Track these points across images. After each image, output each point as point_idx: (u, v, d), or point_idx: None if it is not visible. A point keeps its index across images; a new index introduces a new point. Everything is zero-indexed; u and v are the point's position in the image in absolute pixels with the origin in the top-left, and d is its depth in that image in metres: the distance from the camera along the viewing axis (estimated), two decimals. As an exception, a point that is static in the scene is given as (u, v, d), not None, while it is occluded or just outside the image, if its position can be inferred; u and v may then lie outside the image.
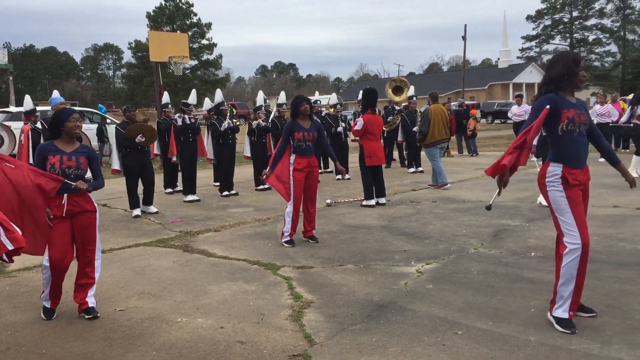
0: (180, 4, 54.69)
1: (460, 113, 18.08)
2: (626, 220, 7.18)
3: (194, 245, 6.82)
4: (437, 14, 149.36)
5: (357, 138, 9.17)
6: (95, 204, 4.52)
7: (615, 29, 65.93)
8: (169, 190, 11.41)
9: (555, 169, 3.84)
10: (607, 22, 66.25)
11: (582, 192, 3.89)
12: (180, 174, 10.74)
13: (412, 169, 13.62)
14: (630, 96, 15.63)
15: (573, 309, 3.85)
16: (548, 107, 3.76)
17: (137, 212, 8.85)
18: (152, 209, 9.11)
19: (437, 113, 10.74)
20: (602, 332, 3.76)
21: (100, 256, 4.60)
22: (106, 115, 20.82)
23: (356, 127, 8.90)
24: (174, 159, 10.66)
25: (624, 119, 11.60)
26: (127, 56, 73.09)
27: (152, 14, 54.32)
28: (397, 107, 14.57)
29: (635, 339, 3.63)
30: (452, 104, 21.09)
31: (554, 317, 3.83)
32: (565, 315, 3.80)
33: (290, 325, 4.13)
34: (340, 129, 12.92)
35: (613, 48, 66.27)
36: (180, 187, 10.99)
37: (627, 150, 16.33)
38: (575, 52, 4.06)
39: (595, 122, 15.65)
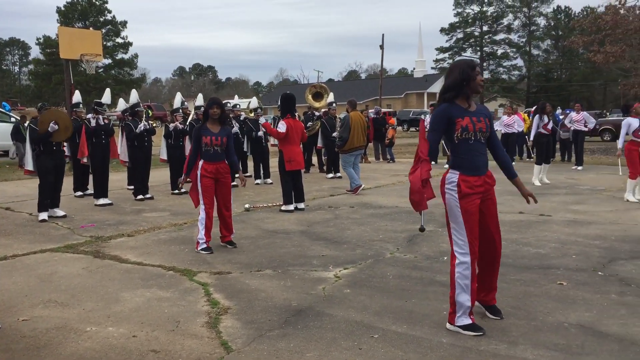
0: (94, 0, 52.61)
1: (378, 121, 18.50)
2: (530, 226, 7.58)
3: (106, 250, 6.55)
4: (356, 23, 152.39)
5: (277, 142, 9.15)
6: None
7: (522, 44, 69.85)
8: (79, 193, 10.93)
9: (452, 176, 3.90)
10: (514, 37, 70.11)
11: (484, 200, 3.96)
12: (91, 177, 10.31)
13: (330, 175, 13.77)
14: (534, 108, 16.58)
15: (473, 301, 3.98)
16: (422, 117, 3.90)
17: (43, 215, 8.40)
18: (59, 212, 8.69)
19: (356, 120, 10.93)
20: (509, 333, 3.94)
21: None
22: (10, 114, 19.69)
23: (280, 130, 8.84)
24: (85, 160, 10.23)
25: (532, 134, 12.14)
26: (35, 52, 69.41)
27: (62, 9, 51.88)
28: (316, 113, 14.70)
29: (539, 339, 3.83)
30: (369, 111, 21.56)
31: (459, 326, 3.91)
32: (468, 321, 3.91)
33: (207, 332, 4.05)
34: (260, 133, 12.87)
35: (520, 62, 70.19)
36: (91, 190, 10.54)
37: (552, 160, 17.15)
38: (470, 59, 4.19)
39: (502, 132, 16.55)
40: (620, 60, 29.82)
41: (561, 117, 17.02)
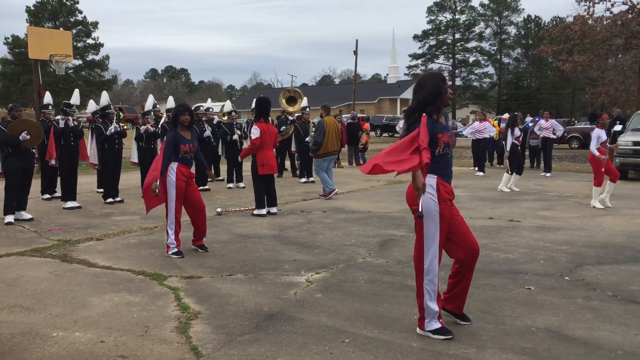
0: (64, 0, 51.80)
1: (353, 125, 18.59)
2: (500, 231, 7.69)
3: (74, 254, 6.44)
4: (330, 28, 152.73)
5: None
6: None
7: (493, 52, 71.01)
8: (47, 196, 10.73)
9: (431, 180, 3.90)
10: (485, 45, 71.23)
11: (452, 208, 4.02)
12: (59, 179, 10.14)
13: (303, 179, 13.78)
14: (505, 115, 16.84)
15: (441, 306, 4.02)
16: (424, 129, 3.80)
17: (9, 218, 8.23)
18: (26, 215, 8.52)
19: (331, 125, 10.96)
20: (478, 337, 3.98)
21: None
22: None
23: (254, 136, 8.79)
24: (53, 162, 10.05)
25: (507, 146, 12.19)
26: (3, 51, 68.07)
27: (32, 8, 50.92)
28: (290, 118, 14.70)
29: (507, 342, 3.88)
30: (343, 116, 21.70)
31: (429, 331, 3.94)
32: (438, 325, 3.95)
33: (176, 337, 4.01)
34: (235, 136, 12.80)
35: (491, 70, 71.34)
36: (59, 193, 10.36)
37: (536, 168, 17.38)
38: (439, 72, 4.22)
39: (473, 138, 16.76)
40: (588, 69, 30.52)
41: (530, 124, 17.32)
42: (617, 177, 9.81)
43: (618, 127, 16.44)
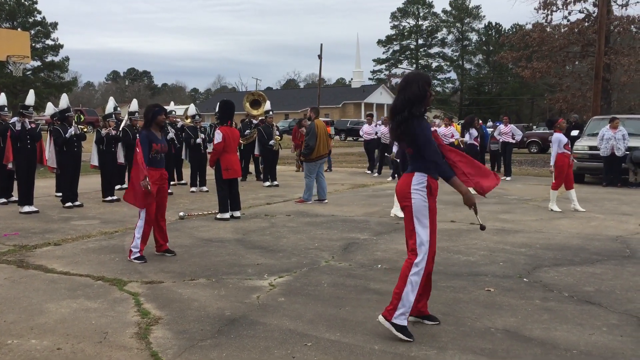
0: (23, 0, 50.55)
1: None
2: (461, 234, 7.81)
3: (30, 260, 6.28)
4: (295, 32, 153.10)
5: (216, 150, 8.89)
6: None
7: (455, 58, 72.23)
8: (3, 200, 10.43)
9: (421, 178, 4.02)
10: (448, 51, 72.43)
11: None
12: (16, 183, 9.87)
13: (267, 183, 13.73)
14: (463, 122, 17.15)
15: (411, 313, 4.08)
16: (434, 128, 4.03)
17: (-37, 224, 7.97)
18: (-18, 220, 8.26)
19: (322, 128, 10.76)
20: (439, 338, 4.03)
21: None
22: None
23: (217, 141, 8.69)
24: (10, 166, 9.78)
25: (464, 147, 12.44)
26: (-43, 51, 65.85)
27: (-11, 8, 49.66)
28: (254, 121, 14.64)
29: (467, 344, 3.94)
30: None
31: (394, 324, 3.97)
32: (405, 323, 3.99)
33: (136, 343, 3.94)
34: (199, 140, 12.67)
35: (453, 75, 72.55)
36: (15, 197, 10.08)
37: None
38: (426, 74, 4.32)
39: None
40: (546, 75, 31.32)
41: (490, 129, 17.63)
42: (572, 185, 9.98)
43: (575, 132, 16.90)
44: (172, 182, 10.84)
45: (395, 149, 10.41)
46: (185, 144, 13.06)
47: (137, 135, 6.69)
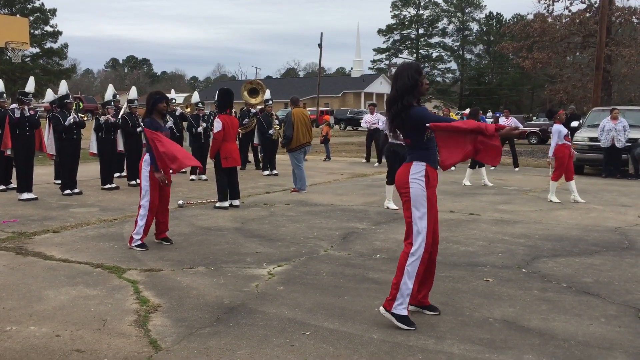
0: (21, -14, 50.21)
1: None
2: (460, 224, 7.81)
3: (29, 247, 6.28)
4: (295, 21, 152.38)
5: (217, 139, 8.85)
6: None
7: (456, 48, 71.96)
8: (2, 187, 10.41)
9: (420, 167, 4.02)
10: (448, 41, 72.16)
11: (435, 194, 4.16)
12: (14, 170, 9.85)
13: (266, 172, 13.71)
14: (467, 110, 17.09)
15: (411, 302, 4.09)
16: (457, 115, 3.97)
17: (-39, 210, 7.96)
18: (-20, 207, 8.25)
19: (299, 116, 10.78)
20: (437, 328, 4.04)
21: None
22: None
23: (216, 130, 8.67)
24: (8, 152, 9.75)
25: None
26: (-44, 37, 65.49)
27: (-13, -6, 49.30)
28: (253, 110, 14.59)
29: (465, 333, 3.95)
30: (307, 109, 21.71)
31: (394, 314, 4.00)
32: (405, 313, 4.00)
33: (135, 330, 3.94)
34: (201, 129, 12.61)
35: (453, 65, 72.33)
36: (14, 184, 10.06)
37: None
38: (416, 63, 4.32)
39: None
40: (547, 66, 31.19)
41: (489, 120, 17.59)
42: (572, 176, 9.97)
43: (575, 124, 16.86)
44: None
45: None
46: (188, 132, 12.99)
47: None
